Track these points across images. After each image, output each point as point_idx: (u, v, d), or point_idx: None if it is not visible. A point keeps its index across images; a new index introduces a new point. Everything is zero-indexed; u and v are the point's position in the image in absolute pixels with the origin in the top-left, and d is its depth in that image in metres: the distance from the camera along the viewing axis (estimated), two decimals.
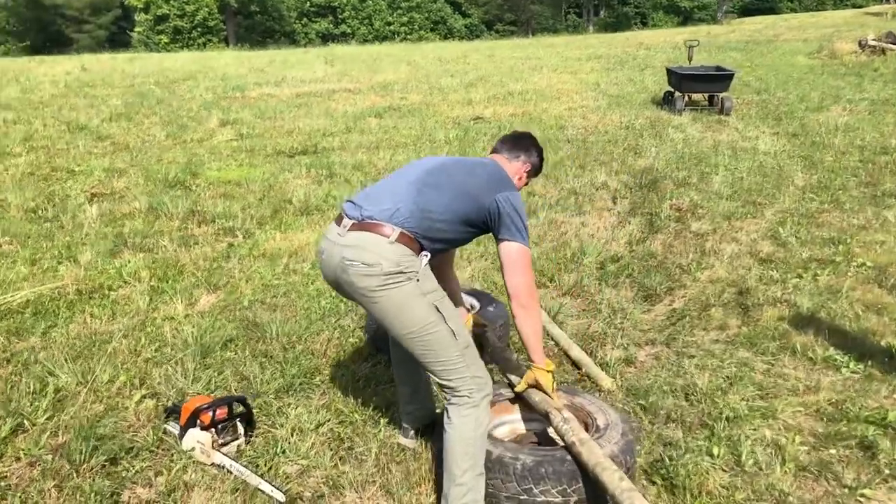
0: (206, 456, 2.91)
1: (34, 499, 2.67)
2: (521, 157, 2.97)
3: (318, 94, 14.04)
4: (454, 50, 25.97)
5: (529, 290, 2.65)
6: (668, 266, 5.34)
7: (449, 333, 2.56)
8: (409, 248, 2.51)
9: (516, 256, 2.63)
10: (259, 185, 7.29)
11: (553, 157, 8.69)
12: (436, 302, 2.55)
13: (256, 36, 50.77)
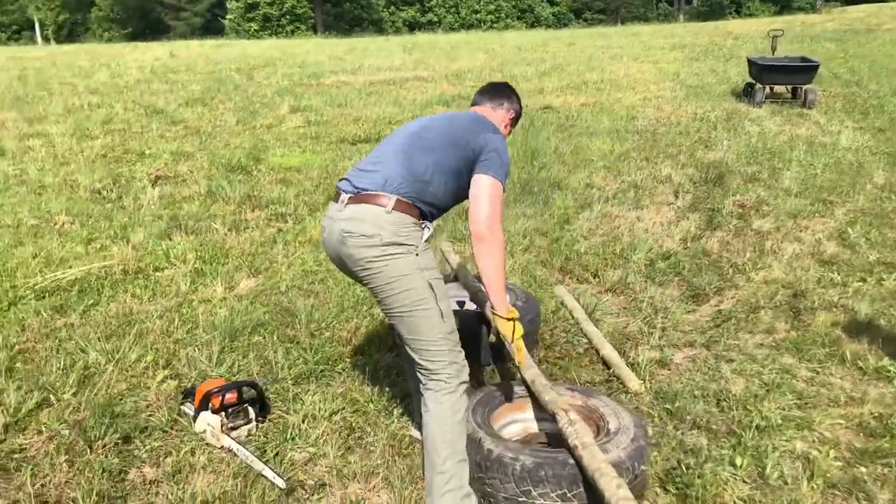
0: (215, 439, 2.95)
1: (45, 471, 2.76)
2: (504, 104, 2.95)
3: (391, 82, 14.10)
4: (535, 38, 25.67)
5: (492, 222, 2.50)
6: (722, 265, 5.14)
7: (438, 314, 2.52)
8: (408, 215, 2.50)
9: (487, 189, 2.54)
10: (318, 171, 7.36)
11: (618, 149, 8.50)
12: (431, 280, 2.52)
13: (344, 24, 51.37)
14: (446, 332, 2.56)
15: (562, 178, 7.26)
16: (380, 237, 2.44)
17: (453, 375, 2.56)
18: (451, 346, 2.58)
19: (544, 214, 6.15)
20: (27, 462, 2.81)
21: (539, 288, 4.67)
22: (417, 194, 2.53)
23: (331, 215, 2.61)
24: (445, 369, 2.56)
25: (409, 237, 2.48)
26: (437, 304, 2.53)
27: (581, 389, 3.11)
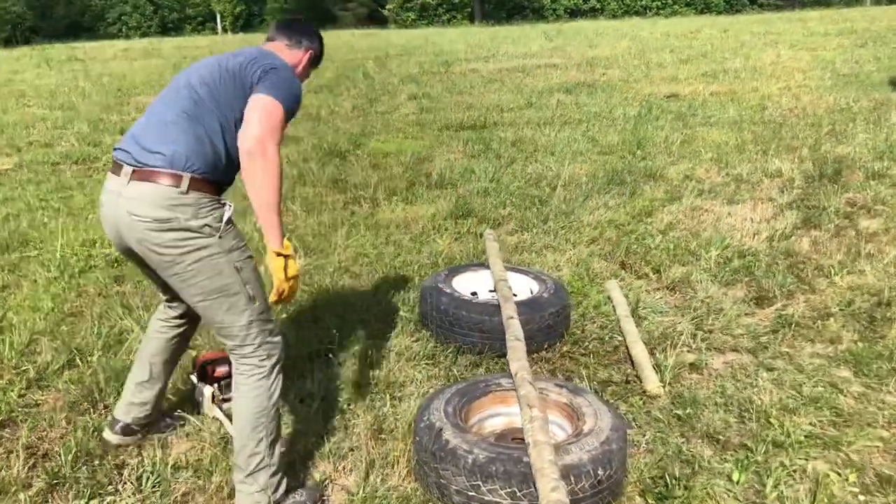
0: (209, 409, 3.05)
1: (43, 426, 2.97)
2: (303, 42, 2.65)
3: (520, 70, 13.99)
4: (690, 25, 24.59)
5: (264, 140, 2.18)
6: (805, 267, 4.72)
7: (245, 298, 2.37)
8: (204, 193, 2.27)
9: (260, 104, 2.25)
10: (410, 157, 7.43)
11: (734, 140, 8.00)
12: (237, 263, 2.34)
13: (504, 12, 51.40)
14: (256, 314, 2.40)
15: (660, 169, 6.93)
16: (176, 221, 2.22)
17: (265, 358, 2.45)
18: (260, 327, 2.43)
19: (626, 206, 5.90)
20: (33, 417, 3.03)
21: (590, 282, 4.49)
22: (211, 164, 2.30)
23: (112, 190, 2.33)
24: (257, 353, 2.43)
25: (210, 218, 2.27)
26: (245, 288, 2.36)
27: (570, 387, 2.97)
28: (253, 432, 2.41)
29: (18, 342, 3.59)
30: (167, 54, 20.16)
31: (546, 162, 7.28)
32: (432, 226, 5.43)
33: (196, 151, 2.28)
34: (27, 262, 4.61)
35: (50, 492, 2.62)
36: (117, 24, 54.29)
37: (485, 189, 6.35)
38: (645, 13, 51.18)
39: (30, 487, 2.63)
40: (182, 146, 2.27)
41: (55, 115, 10.32)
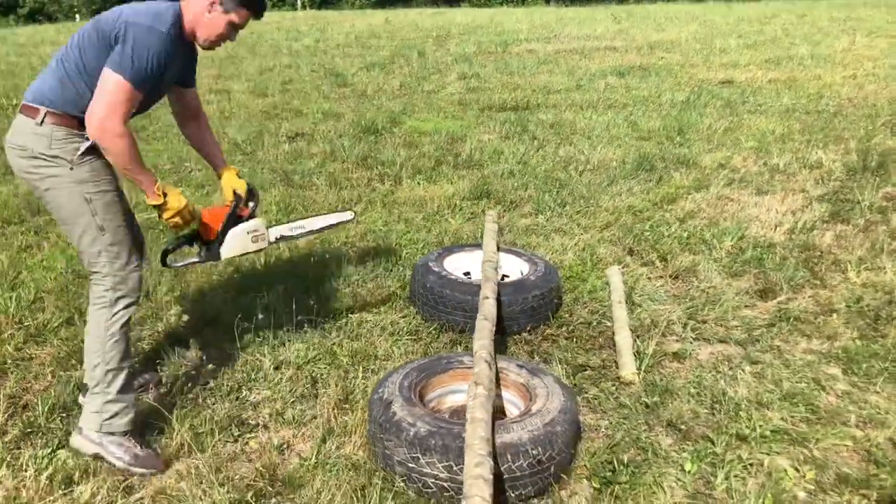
0: (262, 241, 3.01)
1: (29, 378, 3.15)
2: None
3: (577, 52, 13.80)
4: (766, 10, 23.73)
5: (104, 121, 2.38)
6: (822, 261, 4.59)
7: (95, 228, 2.57)
8: (61, 126, 2.48)
9: (104, 85, 2.40)
10: (444, 136, 7.46)
11: (781, 129, 7.77)
12: (87, 194, 2.53)
13: None
14: (106, 245, 2.59)
15: (695, 157, 6.79)
16: (31, 150, 2.48)
17: (110, 289, 2.62)
18: (109, 258, 2.61)
19: (650, 193, 5.81)
20: (22, 369, 3.22)
21: (592, 267, 4.46)
22: (72, 104, 2.48)
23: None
24: (103, 282, 2.63)
25: (62, 150, 2.48)
26: (94, 218, 2.56)
27: (530, 368, 2.98)
28: (90, 356, 2.67)
29: (25, 298, 3.79)
30: None
31: (580, 145, 7.21)
32: (448, 205, 5.46)
33: (55, 90, 2.49)
34: (52, 225, 4.84)
35: (23, 439, 2.78)
36: None
37: (510, 171, 6.34)
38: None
39: (5, 434, 2.80)
40: (45, 85, 2.51)
41: None
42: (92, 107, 2.40)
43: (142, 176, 2.54)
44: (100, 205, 2.56)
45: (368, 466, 2.68)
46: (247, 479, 2.63)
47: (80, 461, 2.65)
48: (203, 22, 2.61)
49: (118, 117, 2.40)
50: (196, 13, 2.60)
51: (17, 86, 10.16)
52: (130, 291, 2.69)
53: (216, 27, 2.63)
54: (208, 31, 2.64)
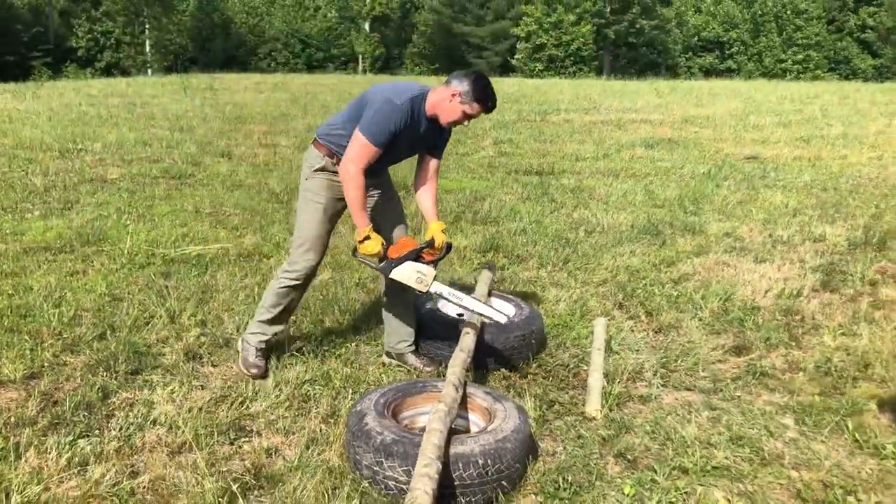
0: (423, 285, 3.54)
1: (61, 380, 3.62)
2: (452, 82, 3.41)
3: (613, 123, 14.29)
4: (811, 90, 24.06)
5: (347, 163, 3.37)
6: (802, 325, 4.87)
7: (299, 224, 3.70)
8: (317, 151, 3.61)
9: (353, 138, 3.36)
10: (467, 195, 7.93)
11: (794, 203, 8.06)
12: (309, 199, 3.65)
13: (635, 68, 51.58)
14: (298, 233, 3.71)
15: (702, 225, 7.12)
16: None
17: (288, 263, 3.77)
18: (295, 248, 3.72)
19: (651, 255, 6.16)
20: (56, 372, 3.70)
21: (581, 317, 4.81)
22: (326, 139, 3.59)
23: None
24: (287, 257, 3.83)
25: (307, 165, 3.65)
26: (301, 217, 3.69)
27: (495, 395, 3.34)
28: (262, 303, 3.84)
29: (66, 314, 4.30)
30: (293, 89, 21.68)
31: (595, 209, 7.60)
32: (458, 256, 5.88)
33: (322, 127, 3.69)
34: (99, 254, 5.40)
35: (50, 429, 3.23)
36: (267, 60, 58.04)
37: (523, 228, 6.76)
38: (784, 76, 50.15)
39: (36, 423, 3.25)
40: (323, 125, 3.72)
41: (172, 136, 11.50)
42: (345, 152, 3.37)
43: (358, 215, 3.46)
44: (305, 207, 3.65)
45: (342, 470, 3.05)
46: (235, 474, 3.02)
47: (96, 448, 3.08)
48: (445, 107, 3.42)
49: (356, 165, 3.34)
50: (441, 98, 3.42)
51: (83, 133, 11.02)
52: (297, 272, 3.70)
53: (454, 113, 3.43)
54: (447, 116, 3.45)
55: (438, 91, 3.42)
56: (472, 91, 3.38)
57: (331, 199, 3.63)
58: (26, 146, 10.10)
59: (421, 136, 3.55)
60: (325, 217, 3.66)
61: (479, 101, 3.41)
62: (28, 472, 2.90)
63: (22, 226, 6.27)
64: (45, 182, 7.99)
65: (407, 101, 3.33)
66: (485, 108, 3.47)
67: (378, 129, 3.30)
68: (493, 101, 3.48)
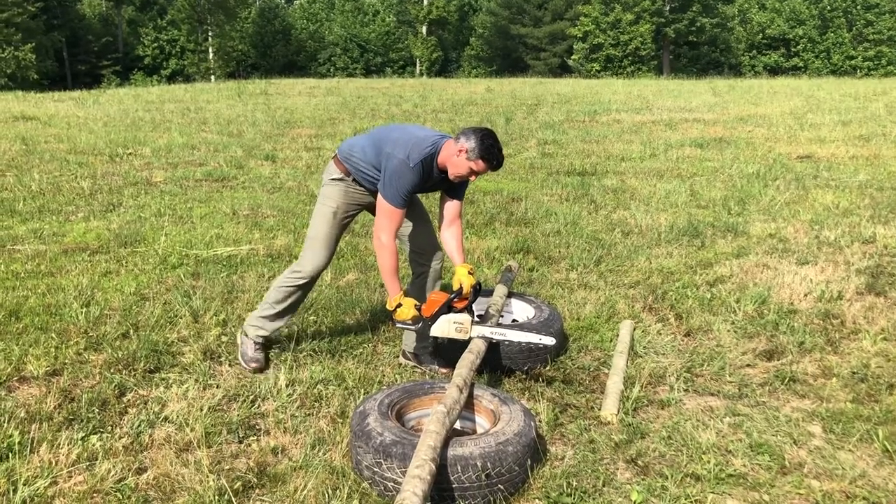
0: (463, 333, 3.60)
1: (80, 377, 3.70)
2: (460, 139, 3.50)
3: (664, 123, 14.02)
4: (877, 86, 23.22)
5: (379, 233, 3.54)
6: (841, 329, 4.68)
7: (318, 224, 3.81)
8: (336, 167, 3.78)
9: (379, 207, 3.54)
10: (504, 196, 7.87)
11: (846, 204, 7.77)
12: (323, 198, 3.81)
13: (696, 67, 50.65)
14: (310, 236, 3.82)
15: (745, 226, 6.92)
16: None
17: (297, 264, 3.87)
18: (305, 250, 3.83)
19: (689, 257, 6.00)
20: (76, 369, 3.78)
21: (607, 320, 4.72)
22: (346, 159, 3.75)
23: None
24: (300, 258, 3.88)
25: (328, 175, 3.83)
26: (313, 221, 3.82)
27: (502, 397, 3.29)
28: (266, 299, 3.93)
29: (94, 314, 4.40)
30: (346, 93, 21.90)
31: (634, 210, 7.45)
32: (487, 257, 5.83)
33: (343, 149, 3.82)
34: (133, 255, 5.52)
35: (64, 424, 3.30)
36: (326, 65, 58.88)
37: (557, 230, 6.67)
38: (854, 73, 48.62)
39: (52, 419, 3.33)
40: (344, 143, 3.85)
41: (220, 140, 11.73)
42: (377, 223, 3.56)
43: (390, 282, 3.60)
44: (321, 211, 3.79)
45: (345, 471, 3.03)
46: (238, 472, 3.03)
47: (106, 444, 3.13)
48: (453, 162, 3.52)
49: (388, 234, 3.53)
50: (450, 154, 3.53)
51: (136, 137, 11.31)
52: (305, 272, 3.81)
53: (461, 168, 3.52)
54: (454, 170, 3.54)
55: (449, 146, 3.54)
56: (478, 149, 3.46)
57: (343, 204, 3.77)
58: (79, 151, 10.43)
59: (435, 182, 3.71)
60: (335, 221, 3.77)
61: (484, 160, 3.49)
62: (38, 467, 2.96)
63: (65, 227, 6.46)
64: (91, 186, 8.23)
65: (418, 163, 3.48)
66: (489, 166, 3.54)
67: (397, 193, 3.47)
68: (497, 160, 3.54)
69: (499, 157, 3.55)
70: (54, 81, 46.19)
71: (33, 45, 45.32)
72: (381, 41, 60.78)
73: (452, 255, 3.86)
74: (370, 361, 4.05)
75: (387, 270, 3.58)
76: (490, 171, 3.62)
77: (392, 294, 3.60)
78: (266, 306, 3.91)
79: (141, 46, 55.24)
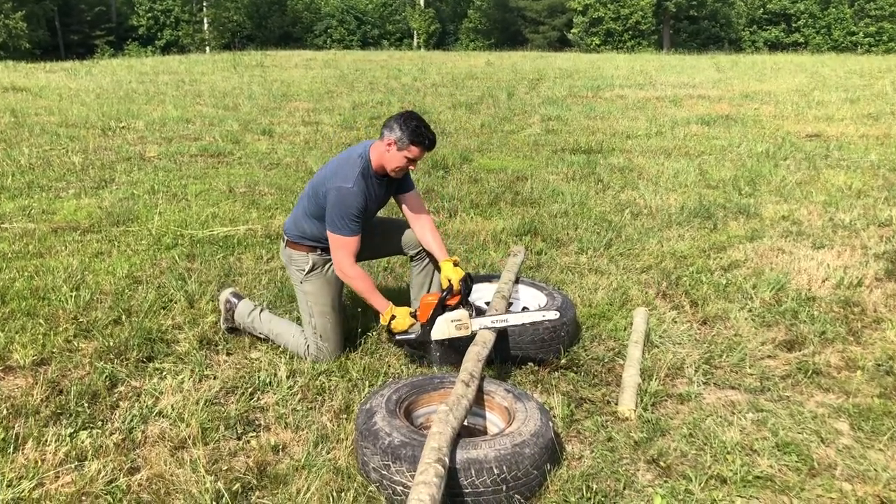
0: (464, 329, 3.45)
1: (71, 365, 3.51)
2: (384, 134, 3.42)
3: (668, 99, 13.77)
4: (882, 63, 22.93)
5: (342, 267, 3.48)
6: (862, 318, 4.49)
7: (307, 315, 3.71)
8: (295, 251, 3.66)
9: (331, 242, 3.45)
10: (509, 174, 7.65)
11: (859, 185, 7.57)
12: (309, 302, 3.69)
13: (696, 42, 50.13)
14: (311, 331, 3.69)
15: (758, 207, 6.72)
16: (286, 261, 3.82)
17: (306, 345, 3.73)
18: (314, 338, 3.69)
19: (700, 240, 5.81)
20: (64, 359, 3.58)
21: (620, 307, 4.53)
22: (300, 237, 3.63)
23: None
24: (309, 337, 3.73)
25: (297, 267, 3.67)
26: (306, 307, 3.71)
27: (516, 393, 3.10)
28: (269, 330, 3.81)
29: (84, 298, 4.20)
30: (343, 66, 21.54)
31: (643, 190, 7.25)
32: (493, 239, 5.63)
33: (290, 226, 3.69)
34: (126, 235, 5.31)
35: (52, 419, 3.11)
36: (322, 37, 58.14)
37: (565, 211, 6.46)
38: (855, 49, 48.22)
39: (38, 413, 3.13)
40: (289, 221, 3.72)
41: (216, 113, 11.45)
42: (333, 258, 3.50)
43: (374, 301, 3.51)
44: (316, 311, 3.66)
45: (350, 471, 2.85)
46: (237, 473, 2.85)
47: (97, 441, 2.94)
48: (386, 158, 3.43)
49: (348, 263, 3.45)
50: (380, 153, 3.44)
51: (129, 110, 11.03)
52: (321, 359, 3.69)
53: (396, 161, 3.42)
54: (391, 165, 3.44)
55: (376, 146, 3.46)
56: (405, 136, 3.37)
57: (335, 296, 3.71)
58: (71, 124, 10.16)
59: (384, 193, 3.63)
60: (335, 315, 3.71)
61: (415, 143, 3.39)
62: (23, 466, 2.78)
63: (54, 205, 6.23)
64: (83, 161, 7.99)
65: (357, 180, 3.38)
66: (423, 148, 3.43)
67: (346, 222, 3.37)
68: (429, 139, 3.43)
69: (429, 136, 3.43)
70: (46, 51, 45.54)
71: (24, 13, 44.61)
72: (378, 13, 60.00)
73: (434, 251, 3.72)
74: (374, 352, 3.86)
75: (365, 292, 3.51)
76: (427, 152, 3.51)
77: (381, 309, 3.50)
78: (264, 332, 3.84)
79: (135, 16, 54.38)
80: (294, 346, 3.72)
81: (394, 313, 3.49)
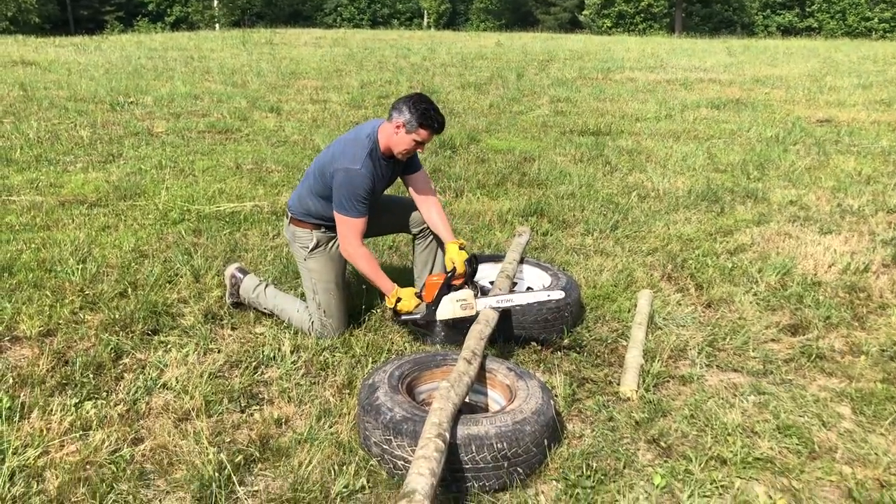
0: (469, 309, 3.46)
1: (76, 338, 3.53)
2: (392, 116, 3.39)
3: (679, 82, 13.67)
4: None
5: (348, 247, 3.48)
6: (868, 304, 4.49)
7: (311, 292, 3.71)
8: (299, 228, 3.66)
9: (338, 223, 3.44)
10: (517, 155, 7.63)
11: (869, 171, 7.52)
12: (313, 279, 3.70)
13: (709, 25, 49.74)
14: (314, 308, 3.69)
15: (766, 192, 6.69)
16: (289, 238, 3.82)
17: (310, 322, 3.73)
18: (318, 317, 3.69)
19: (707, 223, 5.79)
20: (70, 330, 3.60)
21: (625, 289, 4.53)
22: (306, 215, 3.64)
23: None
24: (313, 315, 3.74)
25: (301, 244, 3.68)
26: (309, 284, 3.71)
27: (518, 371, 3.11)
28: (274, 305, 3.82)
29: (90, 271, 4.22)
30: (353, 44, 21.44)
31: (651, 173, 7.22)
32: (499, 220, 5.62)
33: (294, 203, 3.69)
34: (133, 209, 5.32)
35: (57, 389, 3.14)
36: (332, 15, 57.88)
37: (572, 192, 6.45)
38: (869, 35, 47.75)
39: (44, 383, 3.16)
40: (293, 197, 3.72)
41: (224, 90, 11.43)
42: (339, 238, 3.50)
43: (380, 282, 3.52)
44: (320, 288, 3.66)
45: (352, 446, 2.87)
46: (240, 445, 2.87)
47: (101, 412, 2.97)
48: (394, 140, 3.41)
49: (354, 243, 3.44)
50: (388, 135, 3.42)
51: (137, 86, 11.02)
52: (325, 335, 3.70)
53: (404, 144, 3.40)
54: (399, 148, 3.42)
55: (384, 128, 3.44)
56: (415, 118, 3.35)
57: (339, 273, 3.72)
58: (79, 98, 10.16)
59: (391, 174, 3.63)
60: (339, 291, 3.72)
61: (424, 126, 3.37)
62: (28, 434, 2.81)
63: (62, 178, 6.25)
64: (91, 135, 8.00)
65: (365, 161, 3.36)
66: (433, 131, 3.42)
67: (354, 203, 3.36)
68: (439, 122, 3.41)
69: (439, 119, 3.41)
70: (56, 26, 45.50)
71: None
72: None
73: (440, 232, 3.73)
74: (378, 328, 3.87)
75: (369, 273, 3.51)
76: (436, 135, 3.53)
77: (387, 290, 3.51)
78: (268, 307, 3.87)
79: None
80: (298, 321, 3.74)
81: (399, 295, 3.50)
